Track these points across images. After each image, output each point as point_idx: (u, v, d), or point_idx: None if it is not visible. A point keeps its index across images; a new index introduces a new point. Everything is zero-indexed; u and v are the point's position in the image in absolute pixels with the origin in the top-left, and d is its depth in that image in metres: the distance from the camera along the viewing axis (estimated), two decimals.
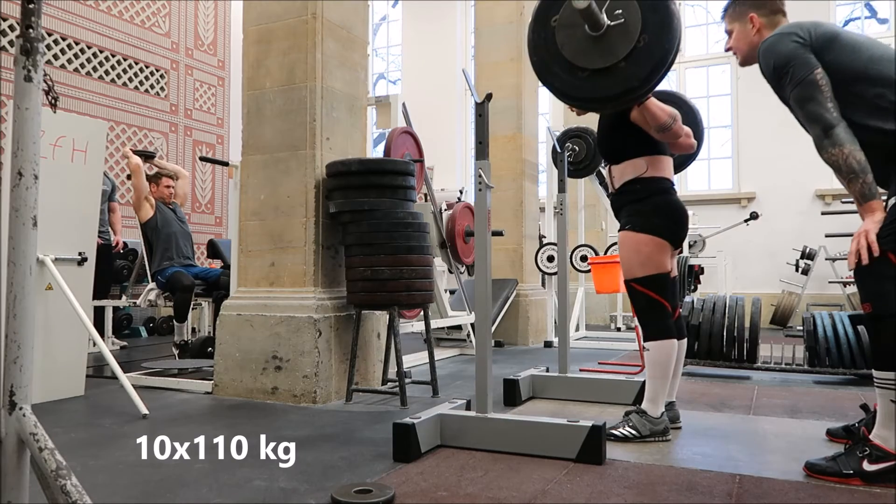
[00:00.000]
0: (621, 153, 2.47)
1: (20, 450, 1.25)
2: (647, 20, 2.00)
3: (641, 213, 2.40)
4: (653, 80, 2.09)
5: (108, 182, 5.40)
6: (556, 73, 2.18)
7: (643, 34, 2.00)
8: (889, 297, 1.82)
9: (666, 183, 2.45)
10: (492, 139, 2.88)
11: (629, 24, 2.01)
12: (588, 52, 2.08)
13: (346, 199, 3.09)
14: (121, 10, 6.84)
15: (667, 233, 2.39)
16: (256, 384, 3.09)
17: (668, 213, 2.41)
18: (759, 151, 7.72)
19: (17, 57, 1.24)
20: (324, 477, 1.91)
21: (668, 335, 2.36)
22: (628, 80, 2.06)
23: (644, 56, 2.02)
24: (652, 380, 2.37)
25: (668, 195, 2.44)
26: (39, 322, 2.96)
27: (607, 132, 2.54)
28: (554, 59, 2.17)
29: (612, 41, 2.04)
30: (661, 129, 2.35)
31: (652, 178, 2.42)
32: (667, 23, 2.00)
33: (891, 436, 1.86)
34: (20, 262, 1.25)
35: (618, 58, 2.04)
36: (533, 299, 5.72)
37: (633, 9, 2.00)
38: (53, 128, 2.98)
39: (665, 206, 2.42)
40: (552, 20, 2.14)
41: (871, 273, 1.84)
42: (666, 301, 2.38)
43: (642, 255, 2.37)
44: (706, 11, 8.37)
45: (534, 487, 1.82)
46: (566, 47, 2.12)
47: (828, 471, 1.90)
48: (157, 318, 6.58)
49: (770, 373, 3.86)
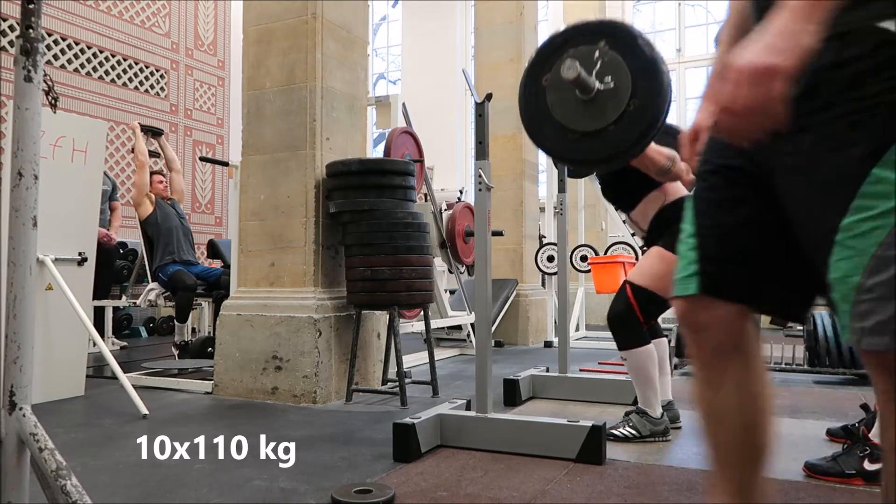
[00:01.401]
0: (634, 198, 2.45)
1: (20, 450, 1.25)
2: (637, 86, 2.00)
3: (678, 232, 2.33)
4: (643, 143, 2.09)
5: (109, 181, 5.40)
6: (546, 133, 2.18)
7: (633, 99, 2.01)
8: None
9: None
10: (492, 139, 2.88)
11: (619, 90, 2.01)
12: (578, 114, 2.08)
13: (346, 199, 3.09)
14: (121, 10, 6.84)
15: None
16: (256, 384, 3.09)
17: None
18: None
19: (17, 57, 1.24)
20: (324, 477, 1.91)
21: (640, 342, 2.35)
22: (618, 143, 2.07)
23: (634, 120, 2.02)
24: (638, 385, 2.38)
25: None
26: (39, 322, 2.96)
27: (613, 182, 2.53)
28: (544, 119, 2.16)
29: (602, 105, 2.03)
30: (660, 172, 2.34)
31: (675, 202, 2.40)
32: (657, 89, 2.00)
33: None
34: (20, 262, 1.25)
35: (607, 122, 2.04)
36: (533, 299, 5.72)
37: (623, 74, 2.00)
38: (53, 128, 2.98)
39: None
40: (543, 79, 2.15)
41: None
42: (643, 318, 2.36)
43: (660, 272, 2.32)
44: (706, 11, 8.37)
45: (534, 487, 1.82)
46: (556, 109, 2.12)
47: (830, 471, 1.90)
48: (157, 319, 6.58)
49: (770, 373, 3.85)
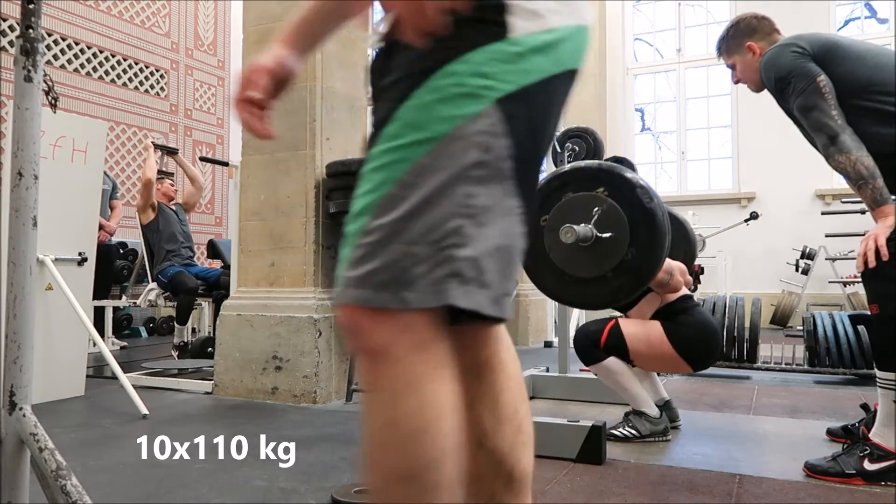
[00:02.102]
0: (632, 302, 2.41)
1: (20, 450, 1.25)
2: (635, 234, 2.00)
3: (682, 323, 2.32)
4: (640, 290, 2.10)
5: (109, 181, 5.40)
6: (544, 274, 2.18)
7: (631, 247, 2.00)
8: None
9: (690, 301, 2.41)
10: None
11: (617, 239, 2.00)
12: (575, 259, 2.07)
13: (347, 199, 3.08)
14: (121, 10, 6.84)
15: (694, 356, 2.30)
16: (256, 384, 3.09)
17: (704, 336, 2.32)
18: (759, 151, 7.72)
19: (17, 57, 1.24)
20: (324, 477, 1.91)
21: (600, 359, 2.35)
22: (616, 291, 2.06)
23: (631, 269, 2.01)
24: (620, 392, 2.38)
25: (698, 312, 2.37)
26: (39, 322, 2.96)
27: None
28: (541, 259, 2.16)
29: (600, 252, 2.02)
30: (659, 286, 2.35)
31: (673, 302, 2.39)
32: (654, 240, 2.00)
33: (891, 435, 1.86)
34: (20, 263, 1.25)
35: (605, 270, 2.04)
36: (533, 299, 5.72)
37: (621, 224, 1.99)
38: (53, 128, 2.98)
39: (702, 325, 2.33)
40: (541, 220, 2.14)
41: (878, 275, 1.85)
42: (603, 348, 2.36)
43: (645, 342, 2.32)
44: (706, 11, 8.37)
45: (534, 487, 1.82)
46: (553, 251, 2.11)
47: (830, 471, 1.90)
48: (157, 319, 6.58)
49: (770, 373, 3.86)
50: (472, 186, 0.69)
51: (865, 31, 7.69)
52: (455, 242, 0.67)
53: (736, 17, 2.27)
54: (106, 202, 5.32)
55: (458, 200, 0.68)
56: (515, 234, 0.73)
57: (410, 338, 0.68)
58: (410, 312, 0.67)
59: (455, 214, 0.68)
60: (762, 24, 2.18)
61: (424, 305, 0.67)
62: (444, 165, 0.68)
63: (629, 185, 2.01)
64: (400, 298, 0.66)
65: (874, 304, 1.90)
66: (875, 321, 1.93)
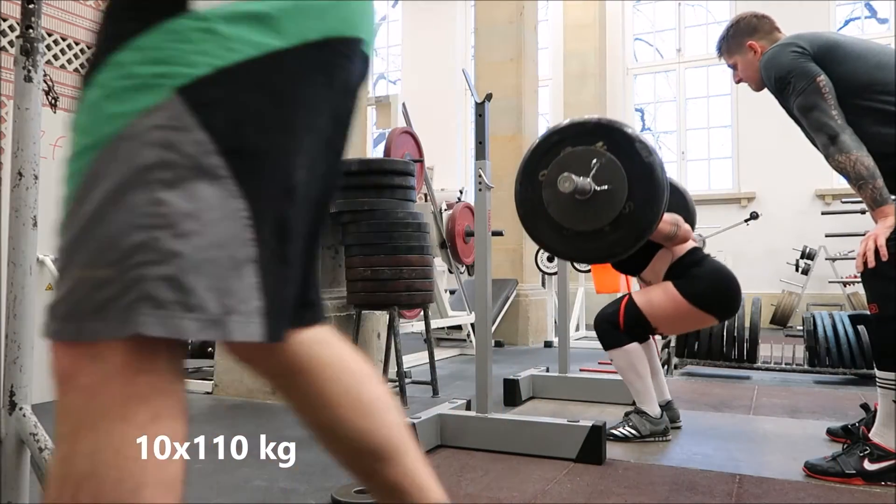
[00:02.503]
0: (642, 260, 2.43)
1: (20, 450, 1.25)
2: (633, 189, 2.00)
3: (694, 277, 2.32)
4: (637, 245, 2.09)
5: None
6: (541, 228, 2.18)
7: (629, 201, 2.00)
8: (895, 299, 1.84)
9: (700, 252, 2.41)
10: (492, 139, 2.88)
11: (615, 192, 2.00)
12: (574, 213, 2.07)
13: (346, 199, 3.09)
14: None
15: (714, 307, 2.30)
16: (257, 384, 3.09)
17: (719, 282, 2.32)
18: (759, 151, 7.71)
19: (17, 57, 1.24)
20: (324, 477, 1.91)
21: (622, 343, 2.34)
22: (613, 245, 2.06)
23: (629, 223, 2.01)
24: (629, 384, 2.38)
25: (710, 261, 2.38)
26: (39, 322, 2.95)
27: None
28: (539, 214, 2.16)
29: (598, 206, 2.03)
30: (667, 238, 2.34)
31: (684, 255, 2.38)
32: (652, 194, 2.00)
33: (891, 435, 1.86)
34: (20, 262, 1.25)
35: (602, 223, 2.04)
36: (533, 299, 5.72)
37: (619, 177, 1.99)
38: (53, 128, 2.98)
39: (715, 272, 2.33)
40: (540, 174, 2.14)
41: (877, 275, 1.85)
42: (623, 329, 2.36)
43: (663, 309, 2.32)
44: (706, 11, 8.37)
45: (534, 487, 1.82)
46: (552, 206, 2.11)
47: (830, 471, 1.90)
48: None
49: (770, 373, 3.86)
50: (160, 192, 0.57)
51: (865, 31, 7.69)
52: (144, 260, 0.56)
53: (736, 16, 2.26)
54: None
55: (140, 210, 0.57)
56: (239, 240, 0.61)
57: (101, 368, 0.58)
58: (103, 341, 0.57)
59: (138, 227, 0.56)
60: (762, 23, 2.18)
61: (113, 336, 0.57)
62: (112, 171, 0.58)
63: (628, 139, 2.01)
64: (85, 330, 0.57)
65: (873, 304, 1.90)
66: (875, 321, 1.93)
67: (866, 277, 1.90)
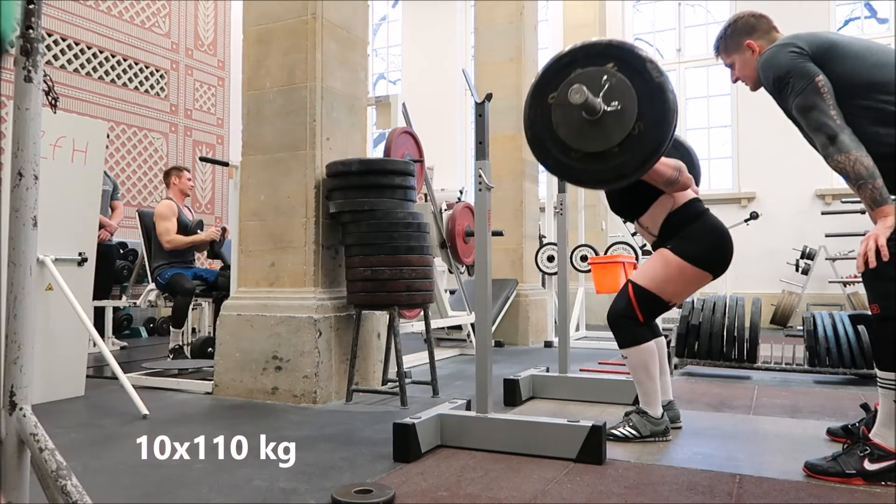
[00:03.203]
0: (643, 204, 2.44)
1: (20, 450, 1.25)
2: (643, 109, 1.99)
3: (688, 236, 2.35)
4: (646, 167, 2.08)
5: (109, 182, 5.39)
6: (550, 151, 2.16)
7: (638, 122, 1.99)
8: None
9: (699, 204, 2.42)
10: (492, 139, 2.88)
11: (625, 112, 1.99)
12: (583, 134, 2.07)
13: (346, 199, 3.09)
14: (121, 10, 6.84)
15: (709, 263, 2.33)
16: (256, 384, 3.09)
17: (714, 240, 2.35)
18: (759, 151, 7.72)
19: (17, 57, 1.24)
20: (324, 477, 1.91)
21: (641, 340, 2.35)
22: (621, 167, 2.05)
23: (638, 144, 2.00)
24: (639, 383, 2.38)
25: (708, 217, 2.40)
26: (39, 322, 2.96)
27: (619, 195, 2.52)
28: (548, 136, 2.14)
29: (608, 126, 2.02)
30: (668, 183, 2.35)
31: (683, 205, 2.39)
32: (662, 114, 1.99)
33: (891, 435, 1.86)
34: (20, 263, 1.25)
35: (612, 144, 2.03)
36: (533, 299, 5.72)
37: (629, 97, 1.98)
38: (53, 128, 2.98)
39: (711, 230, 2.36)
40: (549, 97, 2.13)
41: (878, 275, 1.85)
42: (642, 318, 2.36)
43: (665, 276, 2.33)
44: (706, 11, 8.37)
45: (534, 487, 1.82)
46: (561, 127, 2.10)
47: (830, 471, 1.90)
48: (157, 319, 6.58)
49: (770, 373, 3.86)
50: None
51: (865, 31, 7.68)
52: None
53: (734, 15, 2.26)
54: (107, 203, 5.32)
55: None
56: None
57: None
58: None
59: None
60: (760, 23, 2.18)
61: None
62: None
63: (640, 59, 2.00)
64: None
65: (874, 304, 1.90)
66: (875, 321, 1.93)
67: (867, 278, 1.90)
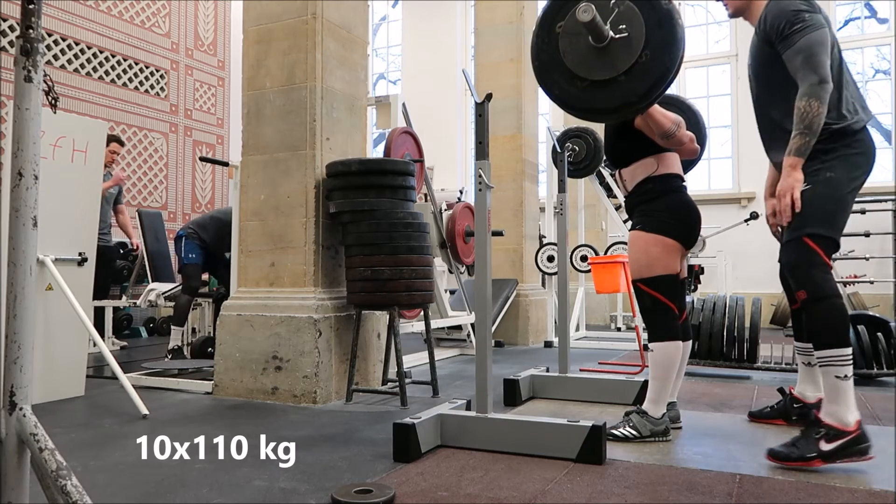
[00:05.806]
0: (629, 156, 2.47)
1: (20, 450, 1.25)
2: (650, 36, 2.00)
3: (653, 213, 2.40)
4: (651, 96, 2.09)
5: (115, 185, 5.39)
6: (556, 80, 2.18)
7: (645, 50, 2.00)
8: (818, 282, 2.00)
9: (677, 181, 2.45)
10: (492, 139, 2.89)
11: (632, 39, 2.01)
12: (589, 62, 2.08)
13: (346, 199, 3.09)
14: (121, 10, 6.84)
15: (677, 234, 2.37)
16: (256, 384, 3.09)
17: (680, 213, 2.40)
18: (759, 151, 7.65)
19: (17, 57, 1.24)
20: (324, 477, 1.91)
21: (672, 336, 2.35)
22: (627, 94, 2.06)
23: (644, 72, 2.01)
24: (655, 380, 2.37)
25: (679, 194, 2.44)
26: (39, 322, 2.96)
27: (613, 139, 2.54)
28: (555, 65, 2.16)
29: (614, 54, 2.04)
30: (665, 136, 2.36)
31: (663, 175, 2.42)
32: (670, 41, 2.00)
33: (839, 410, 1.95)
34: (20, 263, 1.25)
35: (618, 71, 2.04)
36: (533, 299, 5.72)
37: (637, 24, 2.00)
38: (53, 128, 2.98)
39: (678, 205, 2.41)
40: (557, 26, 2.14)
41: (800, 264, 2.04)
42: (672, 303, 2.38)
43: (651, 255, 2.36)
44: (706, 11, 8.37)
45: (534, 487, 1.82)
46: (568, 55, 2.12)
47: (791, 456, 1.98)
48: (157, 319, 6.58)
49: (770, 373, 3.86)
50: None
51: (865, 31, 7.68)
52: None
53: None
54: (110, 206, 5.33)
55: None
56: None
57: None
58: None
59: None
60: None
61: None
62: None
63: None
64: None
65: (801, 291, 2.04)
66: (806, 305, 2.05)
67: (791, 268, 2.06)
